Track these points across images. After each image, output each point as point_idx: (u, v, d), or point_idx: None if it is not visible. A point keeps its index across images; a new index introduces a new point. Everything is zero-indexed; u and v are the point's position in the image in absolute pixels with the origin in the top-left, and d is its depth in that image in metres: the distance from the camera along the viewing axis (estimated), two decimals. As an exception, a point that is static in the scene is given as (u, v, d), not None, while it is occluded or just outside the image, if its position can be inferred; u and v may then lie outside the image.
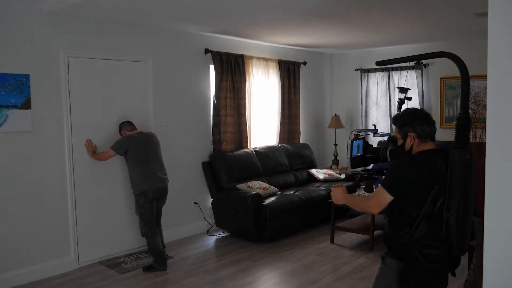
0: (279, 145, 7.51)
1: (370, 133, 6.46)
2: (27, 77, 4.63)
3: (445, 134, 5.44)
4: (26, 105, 4.64)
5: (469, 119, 2.37)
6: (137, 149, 4.97)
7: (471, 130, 3.67)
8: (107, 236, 5.39)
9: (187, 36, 6.15)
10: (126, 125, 5.15)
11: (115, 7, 4.67)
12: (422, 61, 7.19)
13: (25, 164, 4.69)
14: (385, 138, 2.86)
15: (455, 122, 2.40)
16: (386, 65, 3.98)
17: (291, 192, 6.53)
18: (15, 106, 4.56)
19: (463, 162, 2.33)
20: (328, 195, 6.31)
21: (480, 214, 3.57)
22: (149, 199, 4.94)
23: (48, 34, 4.81)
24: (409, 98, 2.90)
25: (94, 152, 5.11)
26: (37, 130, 4.75)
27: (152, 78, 5.76)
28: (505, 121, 1.67)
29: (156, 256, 5.00)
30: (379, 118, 7.97)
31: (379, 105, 7.98)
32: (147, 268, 5.01)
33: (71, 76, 4.99)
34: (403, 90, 2.92)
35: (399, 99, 2.86)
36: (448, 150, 2.41)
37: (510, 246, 1.69)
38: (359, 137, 2.87)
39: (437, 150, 2.50)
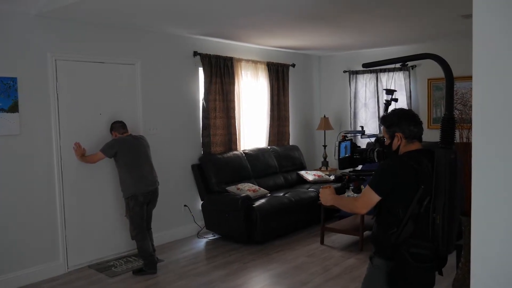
0: (269, 147, 7.52)
1: (358, 134, 6.49)
2: (14, 80, 4.60)
3: (432, 135, 5.48)
4: (14, 108, 4.60)
5: (454, 119, 2.40)
6: (127, 152, 4.96)
7: (458, 130, 3.72)
8: (96, 240, 5.35)
9: (175, 38, 6.15)
10: (119, 127, 5.12)
11: (103, 10, 4.66)
12: (409, 62, 7.23)
13: (13, 167, 4.66)
14: (373, 139, 2.88)
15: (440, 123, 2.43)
16: (373, 67, 4.02)
17: (281, 194, 6.54)
18: (2, 110, 4.52)
19: (449, 162, 2.36)
20: (318, 196, 6.32)
21: (467, 213, 3.60)
22: (139, 202, 4.92)
23: (36, 36, 4.78)
24: (396, 100, 2.93)
25: (82, 155, 5.07)
26: (25, 134, 4.72)
27: (140, 80, 5.75)
28: (491, 121, 1.69)
29: (146, 260, 4.98)
30: (368, 120, 8.02)
31: (367, 106, 8.02)
32: (137, 272, 4.99)
33: (59, 79, 4.97)
34: (390, 91, 2.94)
35: (386, 100, 2.89)
36: (434, 151, 2.44)
37: (497, 245, 1.71)
38: (346, 138, 2.89)
39: (423, 150, 2.53)
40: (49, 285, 4.76)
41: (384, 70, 7.73)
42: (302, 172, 7.53)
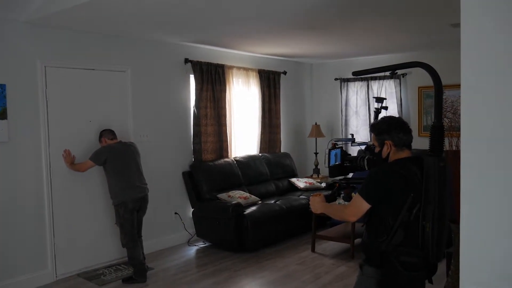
0: (260, 154, 7.51)
1: (348, 142, 6.51)
2: (3, 87, 4.56)
3: (423, 143, 5.50)
4: (2, 115, 4.56)
5: (443, 127, 2.41)
6: (116, 159, 4.93)
7: (447, 138, 3.74)
8: (85, 248, 5.30)
9: (166, 45, 6.14)
10: (108, 133, 5.10)
11: (93, 18, 4.64)
12: (399, 71, 7.28)
13: (1, 175, 4.61)
14: (363, 147, 2.89)
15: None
16: (363, 75, 4.05)
17: (272, 201, 6.53)
18: (-10, 117, 4.49)
19: (438, 170, 2.36)
20: (309, 204, 6.32)
21: (457, 221, 3.61)
22: (129, 210, 4.89)
23: (25, 43, 4.76)
24: (385, 108, 2.94)
25: (72, 162, 5.03)
26: (14, 141, 4.67)
27: (131, 88, 5.73)
28: (478, 129, 1.70)
29: (136, 268, 4.94)
30: (359, 127, 8.05)
31: (358, 114, 8.05)
32: (127, 280, 4.94)
33: (48, 86, 4.93)
34: (379, 99, 2.96)
35: (376, 108, 2.90)
36: (423, 158, 2.45)
37: (486, 252, 1.71)
38: (337, 146, 2.89)
39: (412, 158, 2.53)
40: (37, 294, 4.71)
41: (375, 78, 7.76)
42: (294, 180, 7.52)
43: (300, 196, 6.90)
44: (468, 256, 1.75)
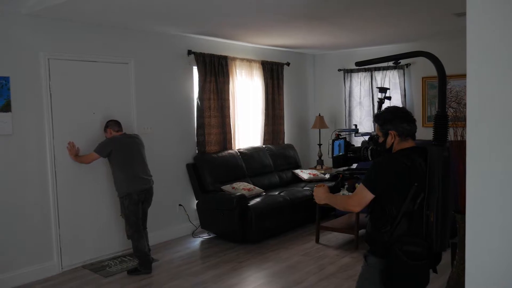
0: (264, 146, 7.51)
1: (352, 132, 6.49)
2: (7, 79, 4.56)
3: (427, 133, 5.48)
4: (6, 108, 4.57)
5: (447, 116, 2.40)
6: (120, 151, 4.93)
7: (452, 128, 3.72)
8: (90, 240, 5.33)
9: (169, 37, 6.12)
10: (114, 124, 5.10)
11: (96, 9, 4.62)
12: (403, 61, 7.25)
13: (6, 167, 4.62)
14: (366, 137, 2.88)
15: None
16: (365, 66, 4.04)
17: (276, 193, 6.53)
18: (-6, 109, 4.49)
19: (442, 160, 2.36)
20: (313, 195, 6.32)
21: (462, 211, 3.60)
22: (134, 201, 4.90)
23: (28, 36, 4.75)
24: (389, 98, 2.93)
25: (76, 155, 5.05)
26: (18, 133, 4.69)
27: (134, 79, 5.72)
28: (484, 118, 1.69)
29: (141, 259, 4.96)
30: (363, 118, 8.02)
31: (362, 105, 8.03)
32: (132, 272, 4.97)
33: (52, 78, 4.93)
34: (383, 89, 2.95)
35: (379, 98, 2.89)
36: (427, 148, 2.44)
37: (492, 242, 1.71)
38: (340, 136, 2.89)
39: (416, 148, 2.53)
40: (42, 285, 4.73)
41: (379, 69, 7.73)
42: (297, 171, 7.52)
43: (304, 188, 6.90)
44: (474, 246, 1.75)
